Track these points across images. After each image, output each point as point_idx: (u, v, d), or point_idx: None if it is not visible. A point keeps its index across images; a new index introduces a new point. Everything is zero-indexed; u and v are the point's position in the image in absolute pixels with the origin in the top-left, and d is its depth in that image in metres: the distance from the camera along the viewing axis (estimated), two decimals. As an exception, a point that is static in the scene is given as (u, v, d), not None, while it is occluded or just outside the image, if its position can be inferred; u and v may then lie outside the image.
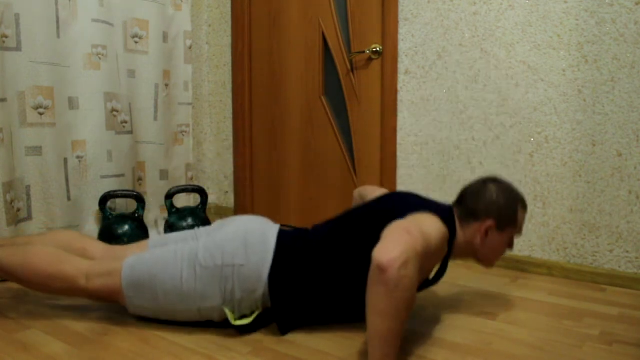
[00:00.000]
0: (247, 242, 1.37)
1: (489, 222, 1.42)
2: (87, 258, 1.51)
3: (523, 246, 2.01)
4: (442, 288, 1.78)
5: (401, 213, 1.32)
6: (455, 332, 1.41)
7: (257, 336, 1.37)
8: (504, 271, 2.00)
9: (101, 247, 1.56)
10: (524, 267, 1.99)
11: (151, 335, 1.37)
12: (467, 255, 1.49)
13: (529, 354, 1.28)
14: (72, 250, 1.53)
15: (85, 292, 1.41)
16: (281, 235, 1.42)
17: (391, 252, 1.06)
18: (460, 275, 1.93)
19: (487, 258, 1.48)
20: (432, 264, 1.30)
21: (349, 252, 1.35)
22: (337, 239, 1.38)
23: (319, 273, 1.36)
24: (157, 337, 1.36)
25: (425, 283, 1.45)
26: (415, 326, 1.44)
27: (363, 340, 1.35)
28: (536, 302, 1.65)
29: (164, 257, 1.39)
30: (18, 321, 1.46)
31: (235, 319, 1.35)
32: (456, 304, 1.63)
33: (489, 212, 1.42)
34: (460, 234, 1.44)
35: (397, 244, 1.08)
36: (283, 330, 1.38)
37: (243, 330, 1.39)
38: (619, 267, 1.83)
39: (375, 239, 1.28)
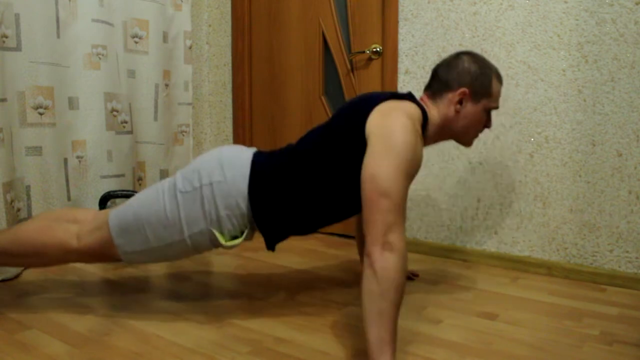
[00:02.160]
0: (222, 161, 1.38)
1: (463, 90, 1.40)
2: (79, 224, 1.51)
3: (523, 246, 2.01)
4: (442, 288, 1.78)
5: (367, 108, 1.31)
6: (455, 332, 1.41)
7: (257, 336, 1.37)
8: (504, 271, 2.00)
9: (91, 212, 1.56)
10: (524, 267, 1.99)
11: (151, 335, 1.37)
12: (444, 135, 1.47)
13: (529, 354, 1.28)
14: (63, 221, 1.53)
15: (79, 253, 1.42)
16: (257, 153, 1.44)
17: (372, 235, 1.10)
18: (460, 275, 1.93)
19: (464, 133, 1.46)
20: (417, 166, 1.27)
21: (325, 157, 1.35)
22: (311, 147, 1.38)
23: (298, 182, 1.36)
24: (157, 337, 1.36)
25: None
26: (415, 326, 1.45)
27: (363, 340, 1.35)
28: (536, 302, 1.65)
29: (146, 196, 1.41)
30: (18, 321, 1.46)
31: (226, 240, 1.36)
32: (456, 304, 1.63)
33: (462, 80, 1.40)
34: (434, 112, 1.43)
35: (375, 221, 1.11)
36: (269, 245, 1.39)
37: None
38: (619, 267, 1.83)
39: (343, 142, 1.31)
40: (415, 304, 1.62)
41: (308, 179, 1.36)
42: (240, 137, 2.81)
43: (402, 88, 2.24)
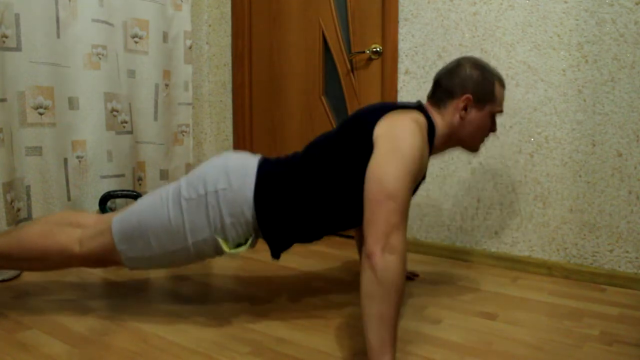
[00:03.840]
0: (228, 168, 1.37)
1: (466, 97, 1.40)
2: (82, 228, 1.51)
3: (523, 246, 2.01)
4: (442, 288, 1.78)
5: (374, 117, 1.31)
6: (455, 332, 1.41)
7: (257, 336, 1.37)
8: (504, 271, 2.00)
9: (94, 217, 1.56)
10: (524, 267, 1.99)
11: (151, 335, 1.37)
12: (450, 144, 1.47)
13: (529, 354, 1.28)
14: (65, 225, 1.52)
15: (82, 258, 1.41)
16: (262, 160, 1.43)
17: (373, 235, 1.08)
18: (460, 275, 1.93)
19: (470, 139, 1.46)
20: (423, 170, 1.28)
21: (332, 165, 1.35)
22: (317, 155, 1.38)
23: (304, 190, 1.36)
24: (157, 337, 1.36)
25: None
26: (415, 326, 1.45)
27: (363, 340, 1.35)
28: (536, 302, 1.65)
29: (150, 202, 1.39)
30: (18, 321, 1.46)
31: (230, 248, 1.35)
32: (456, 304, 1.63)
33: (464, 87, 1.40)
34: (439, 121, 1.43)
35: (378, 222, 1.10)
36: (274, 253, 1.38)
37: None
38: (619, 267, 1.83)
39: (351, 150, 1.30)
40: (415, 304, 1.62)
41: (314, 187, 1.36)
42: (240, 137, 2.81)
43: (402, 88, 2.24)
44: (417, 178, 1.22)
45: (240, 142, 2.82)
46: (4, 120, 1.90)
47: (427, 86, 2.17)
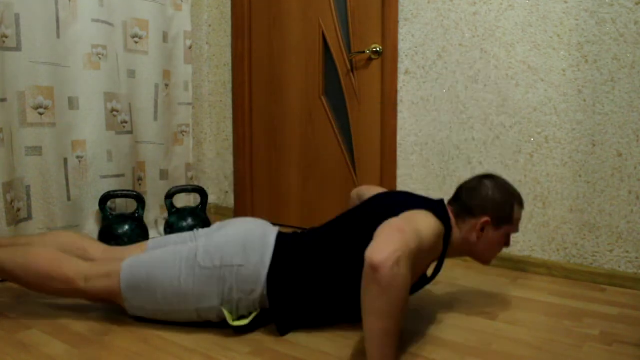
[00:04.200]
0: (246, 243, 1.37)
1: (485, 219, 1.42)
2: (87, 259, 1.51)
3: (523, 246, 2.01)
4: (442, 288, 1.78)
5: (395, 211, 1.32)
6: (455, 332, 1.41)
7: (257, 336, 1.37)
8: (504, 271, 2.00)
9: (101, 248, 1.56)
10: (524, 267, 1.99)
11: (151, 335, 1.37)
12: (463, 253, 1.49)
13: (529, 354, 1.28)
14: (72, 251, 1.53)
15: (84, 294, 1.41)
16: (280, 237, 1.43)
17: (383, 251, 1.06)
18: (460, 275, 1.93)
19: (483, 255, 1.48)
20: (427, 262, 1.30)
21: (345, 253, 1.35)
22: (333, 240, 1.38)
23: (317, 274, 1.36)
24: (157, 337, 1.36)
25: (422, 281, 1.45)
26: (415, 326, 1.44)
27: (363, 340, 1.35)
28: (536, 302, 1.65)
29: (163, 258, 1.39)
30: (18, 321, 1.46)
31: (233, 320, 1.35)
32: (456, 304, 1.63)
33: (485, 208, 1.43)
34: (456, 231, 1.45)
35: (389, 242, 1.08)
36: (282, 331, 1.38)
37: (240, 331, 1.39)
38: (619, 267, 1.83)
39: (369, 239, 1.28)
40: (415, 304, 1.62)
41: (329, 273, 1.35)
42: (240, 137, 2.81)
43: (402, 88, 2.24)
44: (421, 255, 1.20)
45: (240, 142, 2.82)
46: (4, 120, 1.90)
47: (427, 86, 2.17)
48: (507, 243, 1.50)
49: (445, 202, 1.99)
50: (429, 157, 2.19)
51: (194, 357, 1.25)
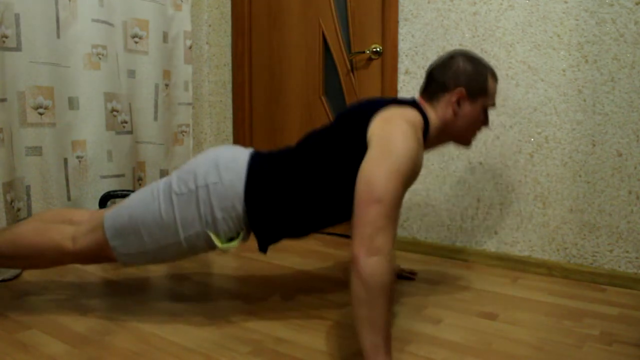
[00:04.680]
0: (219, 162, 1.37)
1: (459, 89, 1.40)
2: (74, 224, 1.51)
3: (523, 246, 2.01)
4: (442, 288, 1.78)
5: (369, 114, 1.30)
6: (455, 332, 1.41)
7: (257, 336, 1.37)
8: (504, 271, 2.00)
9: (87, 213, 1.55)
10: (524, 267, 1.99)
11: (151, 335, 1.37)
12: (443, 138, 1.47)
13: (529, 354, 1.28)
14: (59, 222, 1.52)
15: (75, 255, 1.42)
16: (254, 154, 1.43)
17: (358, 238, 1.08)
18: (460, 275, 1.93)
19: (463, 132, 1.46)
20: (417, 172, 1.28)
21: (324, 161, 1.35)
22: (310, 150, 1.38)
23: (295, 185, 1.35)
24: (157, 337, 1.36)
25: None
26: (416, 326, 1.45)
27: (363, 340, 1.35)
28: (536, 302, 1.65)
29: (141, 197, 1.39)
30: (18, 321, 1.46)
31: (222, 243, 1.35)
32: (456, 304, 1.63)
33: (457, 81, 1.40)
34: (433, 116, 1.42)
35: (364, 224, 1.09)
36: (262, 246, 1.38)
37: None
38: (619, 267, 1.83)
39: (344, 147, 1.30)
40: (415, 304, 1.62)
41: (305, 182, 1.35)
42: (240, 137, 2.81)
43: (402, 88, 2.24)
44: (411, 180, 1.21)
45: (240, 142, 2.82)
46: (4, 120, 1.90)
47: (427, 86, 2.17)
48: (485, 120, 1.48)
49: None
50: (429, 157, 2.19)
51: (194, 357, 1.25)
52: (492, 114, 2.03)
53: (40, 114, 2.05)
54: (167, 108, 2.61)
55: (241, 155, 1.40)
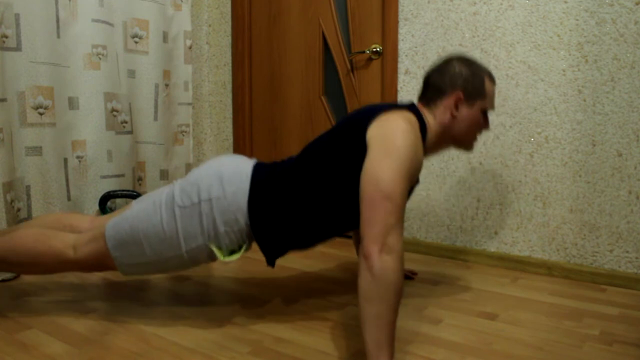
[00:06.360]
0: (222, 175, 1.36)
1: (457, 93, 1.40)
2: (75, 232, 1.51)
3: (523, 246, 2.01)
4: (442, 288, 1.78)
5: (367, 119, 1.30)
6: (455, 332, 1.41)
7: (257, 336, 1.37)
8: (504, 271, 2.00)
9: (88, 220, 1.55)
10: (524, 267, 1.99)
11: (151, 335, 1.37)
12: (444, 143, 1.47)
13: (529, 354, 1.28)
14: (58, 229, 1.52)
15: (76, 264, 1.41)
16: (256, 166, 1.42)
17: (370, 236, 1.08)
18: (460, 275, 1.93)
19: (463, 136, 1.45)
20: (418, 169, 1.28)
21: (324, 171, 1.34)
22: (312, 160, 1.37)
23: (298, 196, 1.35)
24: (157, 337, 1.36)
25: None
26: (415, 326, 1.45)
27: (363, 340, 1.35)
28: (536, 302, 1.65)
29: (143, 209, 1.39)
30: (18, 321, 1.46)
31: (224, 256, 1.35)
32: (456, 303, 1.63)
33: (454, 84, 1.40)
34: (431, 120, 1.42)
35: (375, 223, 1.09)
36: (269, 260, 1.38)
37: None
38: (619, 267, 1.83)
39: (344, 154, 1.29)
40: (415, 304, 1.62)
41: (309, 193, 1.35)
42: (240, 137, 2.81)
43: (402, 88, 2.24)
44: (413, 177, 1.21)
45: (240, 142, 2.82)
46: (4, 120, 1.90)
47: (427, 86, 2.17)
48: (485, 123, 1.48)
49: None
50: (429, 157, 2.19)
51: (194, 357, 1.25)
52: (492, 114, 2.03)
53: (40, 114, 2.06)
54: (167, 108, 2.61)
55: (244, 168, 1.40)
